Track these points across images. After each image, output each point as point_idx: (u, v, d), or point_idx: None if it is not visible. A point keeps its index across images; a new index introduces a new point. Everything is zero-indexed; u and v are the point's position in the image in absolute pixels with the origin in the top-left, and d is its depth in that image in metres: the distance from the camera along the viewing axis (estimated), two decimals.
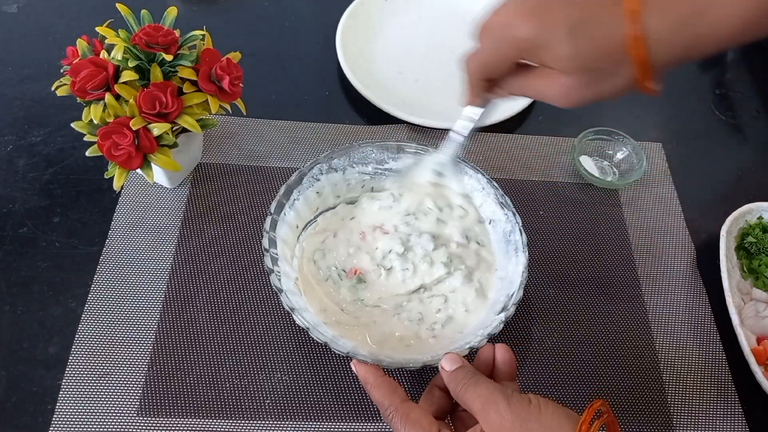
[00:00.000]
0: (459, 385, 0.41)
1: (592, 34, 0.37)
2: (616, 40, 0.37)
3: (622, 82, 0.39)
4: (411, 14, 0.85)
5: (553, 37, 0.38)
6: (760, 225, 0.64)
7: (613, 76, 0.39)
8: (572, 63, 0.38)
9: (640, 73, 0.38)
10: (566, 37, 0.38)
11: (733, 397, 0.56)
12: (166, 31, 0.54)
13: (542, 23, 0.38)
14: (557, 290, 0.61)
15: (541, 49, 0.39)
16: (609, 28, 0.37)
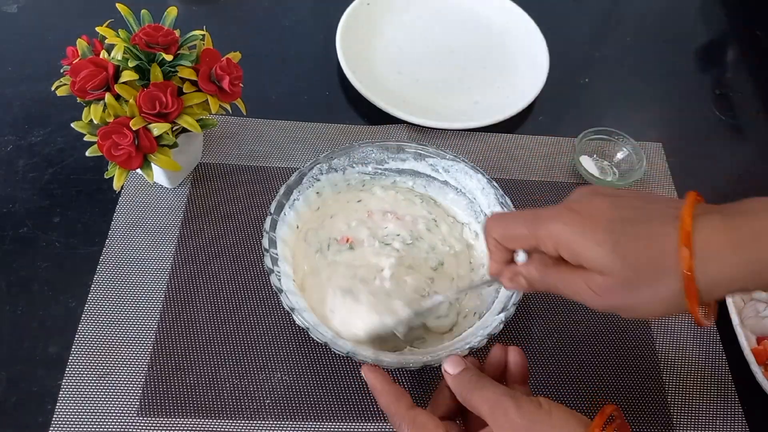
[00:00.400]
0: (464, 389, 0.41)
1: (639, 230, 0.35)
2: (668, 242, 0.34)
3: (663, 295, 0.35)
4: (411, 14, 0.85)
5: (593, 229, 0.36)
6: None
7: (655, 284, 0.35)
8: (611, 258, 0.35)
9: (687, 290, 0.34)
10: (605, 229, 0.36)
11: (733, 397, 0.56)
12: (166, 31, 0.54)
13: (584, 216, 0.37)
14: None
15: (577, 244, 0.37)
16: (658, 227, 0.35)
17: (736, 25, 0.94)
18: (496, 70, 0.80)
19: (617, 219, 0.36)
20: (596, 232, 0.36)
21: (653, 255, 0.35)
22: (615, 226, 0.36)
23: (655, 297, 0.36)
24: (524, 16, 0.83)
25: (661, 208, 0.36)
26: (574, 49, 0.86)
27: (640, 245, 0.35)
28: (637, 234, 0.35)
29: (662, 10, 0.94)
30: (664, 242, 0.35)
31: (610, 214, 0.36)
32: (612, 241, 0.35)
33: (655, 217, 0.36)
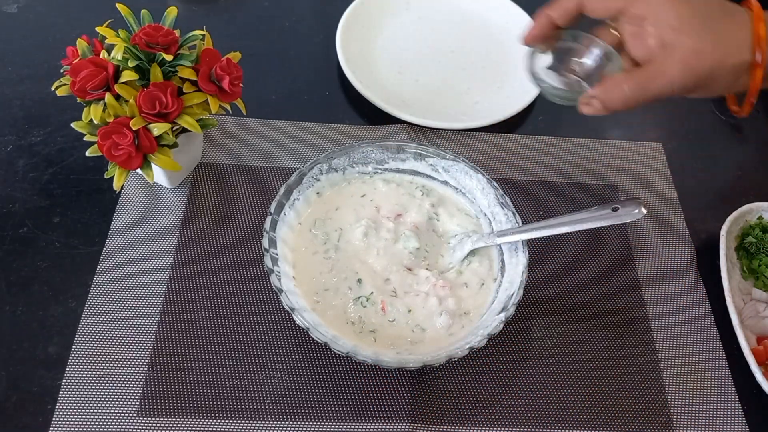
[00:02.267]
0: None
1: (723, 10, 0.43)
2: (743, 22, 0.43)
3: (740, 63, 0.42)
4: (411, 14, 0.85)
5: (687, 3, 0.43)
6: (760, 225, 0.64)
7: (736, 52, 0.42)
8: (702, 25, 0.42)
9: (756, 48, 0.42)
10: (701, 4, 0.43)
11: (733, 397, 0.56)
12: (166, 31, 0.54)
13: None
14: (557, 290, 0.61)
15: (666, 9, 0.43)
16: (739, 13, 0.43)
17: None
18: (496, 70, 0.80)
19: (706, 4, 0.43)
20: (691, 4, 0.43)
21: (734, 31, 0.42)
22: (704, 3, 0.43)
23: (733, 66, 0.42)
24: (524, 17, 0.83)
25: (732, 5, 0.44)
26: None
27: (726, 22, 0.42)
28: (722, 12, 0.43)
29: None
30: (742, 26, 0.42)
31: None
32: (702, 11, 0.42)
33: (735, 8, 0.44)
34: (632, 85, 0.44)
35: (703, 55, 0.42)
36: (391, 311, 0.55)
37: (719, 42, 0.42)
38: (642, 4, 0.43)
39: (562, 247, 0.64)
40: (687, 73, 0.42)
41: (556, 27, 0.47)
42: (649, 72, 0.43)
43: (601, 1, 0.45)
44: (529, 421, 0.53)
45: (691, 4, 0.42)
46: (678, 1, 0.42)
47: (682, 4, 0.42)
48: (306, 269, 0.57)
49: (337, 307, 0.55)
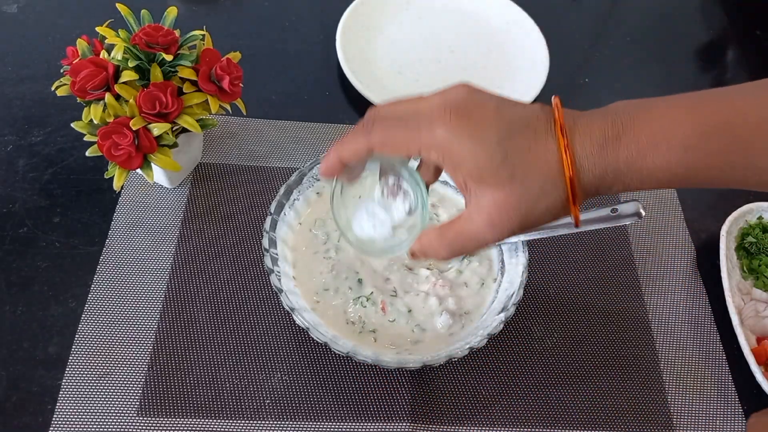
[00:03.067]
0: None
1: (524, 142, 0.35)
2: (550, 153, 0.35)
3: (552, 203, 0.36)
4: (411, 14, 0.85)
5: (483, 142, 0.35)
6: (760, 225, 0.64)
7: (545, 194, 0.36)
8: (500, 170, 0.35)
9: (570, 192, 0.36)
10: (497, 143, 0.35)
11: (733, 397, 0.56)
12: (166, 31, 0.54)
13: (472, 124, 0.35)
14: (557, 290, 0.61)
15: (464, 155, 0.35)
16: (543, 140, 0.36)
17: (736, 25, 0.94)
18: (496, 70, 0.80)
19: (506, 131, 0.36)
20: (488, 142, 0.35)
21: (541, 169, 0.36)
22: (505, 140, 0.35)
23: (545, 208, 0.36)
24: (524, 16, 0.83)
25: (539, 116, 0.37)
26: (574, 49, 0.86)
27: (529, 160, 0.36)
28: (524, 147, 0.36)
29: (662, 10, 0.94)
30: (549, 156, 0.36)
31: (500, 124, 0.36)
32: (502, 155, 0.35)
33: (539, 129, 0.36)
34: (446, 245, 0.39)
35: (508, 211, 0.36)
36: (391, 311, 0.55)
37: (525, 191, 0.36)
38: (432, 148, 0.36)
39: (562, 247, 0.64)
40: (496, 231, 0.37)
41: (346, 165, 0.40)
42: (459, 230, 0.38)
43: (397, 148, 0.37)
44: (529, 421, 0.53)
45: (486, 141, 0.35)
46: (473, 142, 0.35)
47: (478, 145, 0.35)
48: (306, 269, 0.57)
49: (337, 307, 0.55)
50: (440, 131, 0.36)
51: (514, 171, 0.35)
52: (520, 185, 0.36)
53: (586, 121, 0.36)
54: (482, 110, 0.36)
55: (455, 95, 0.37)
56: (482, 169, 0.35)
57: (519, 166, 0.35)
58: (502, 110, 0.37)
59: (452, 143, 0.35)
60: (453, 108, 0.36)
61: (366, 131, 0.38)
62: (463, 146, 0.35)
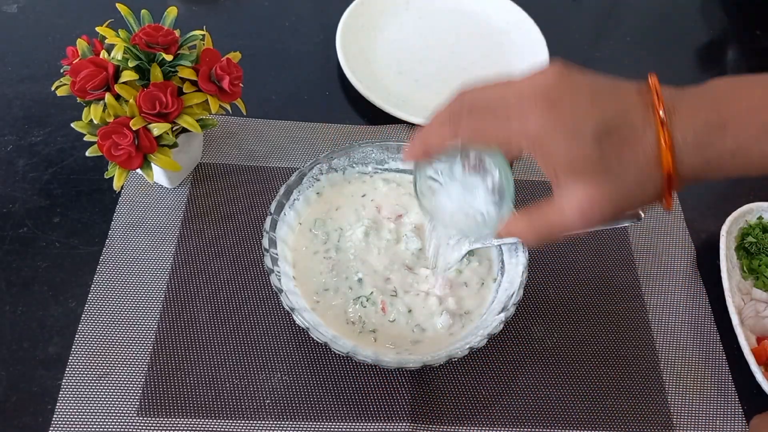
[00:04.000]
0: None
1: (621, 137, 0.34)
2: (648, 146, 0.34)
3: (647, 194, 0.35)
4: (411, 14, 0.85)
5: (578, 135, 0.34)
6: (760, 225, 0.64)
7: (640, 186, 0.35)
8: (596, 166, 0.34)
9: (666, 183, 0.34)
10: (592, 138, 0.33)
11: (733, 397, 0.56)
12: (166, 31, 0.54)
13: (566, 116, 0.34)
14: (557, 290, 0.61)
15: (557, 147, 0.34)
16: (640, 133, 0.34)
17: (736, 25, 0.94)
18: (496, 70, 0.80)
19: (602, 124, 0.34)
20: (583, 136, 0.34)
21: (639, 163, 0.34)
22: (601, 133, 0.34)
23: (639, 198, 0.36)
24: (524, 16, 0.83)
25: (636, 105, 0.35)
26: (574, 49, 0.86)
27: (626, 154, 0.34)
28: (622, 140, 0.34)
29: (662, 10, 0.94)
30: (647, 150, 0.34)
31: (595, 116, 0.34)
32: (598, 150, 0.34)
33: (636, 121, 0.34)
34: (536, 233, 0.39)
35: (602, 204, 0.35)
36: (391, 311, 0.55)
37: (620, 184, 0.35)
38: (523, 139, 0.35)
39: (562, 247, 0.64)
40: (588, 222, 0.36)
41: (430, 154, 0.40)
42: (550, 220, 0.37)
43: (487, 137, 0.36)
44: (529, 421, 0.53)
45: (581, 136, 0.34)
46: (567, 136, 0.34)
47: (572, 140, 0.34)
48: (306, 269, 0.57)
49: (337, 307, 0.55)
50: (532, 122, 0.34)
51: (610, 165, 0.34)
52: (616, 179, 0.34)
53: (687, 105, 0.34)
54: (576, 99, 0.34)
55: (546, 80, 0.35)
56: (576, 163, 0.34)
57: (615, 161, 0.34)
58: (598, 99, 0.35)
59: (545, 135, 0.34)
60: (544, 96, 0.34)
61: (454, 122, 0.37)
62: (557, 139, 0.34)
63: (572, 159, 0.34)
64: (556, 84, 0.35)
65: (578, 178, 0.35)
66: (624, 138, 0.34)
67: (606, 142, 0.34)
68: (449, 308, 0.55)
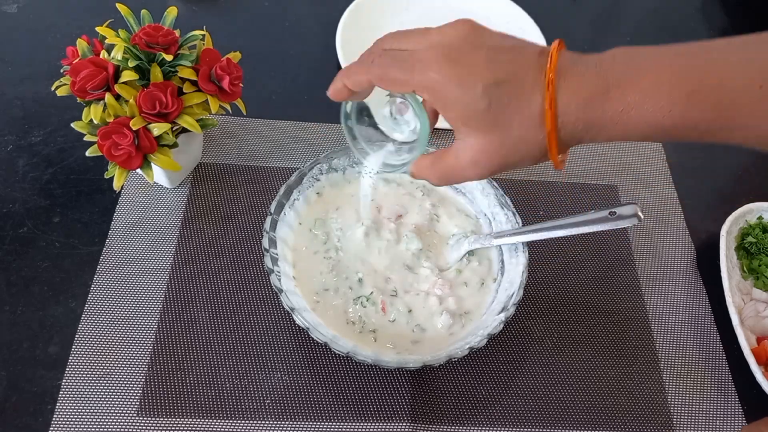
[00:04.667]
0: None
1: (510, 93, 0.37)
2: (534, 104, 0.37)
3: (531, 151, 0.38)
4: (411, 14, 0.85)
5: (469, 89, 0.37)
6: (760, 225, 0.64)
7: (524, 142, 0.38)
8: (485, 118, 0.37)
9: (549, 142, 0.37)
10: (482, 92, 0.37)
11: (733, 397, 0.56)
12: (166, 31, 0.54)
13: (462, 71, 0.37)
14: (557, 290, 0.61)
15: (452, 99, 0.37)
16: (528, 92, 0.37)
17: (736, 25, 0.94)
18: None
19: (492, 80, 0.37)
20: (474, 90, 0.37)
21: (523, 119, 0.37)
22: (491, 89, 0.37)
23: (525, 154, 0.39)
24: (524, 16, 0.83)
25: (530, 66, 0.37)
26: (573, 49, 0.85)
27: (512, 110, 0.37)
28: (509, 97, 0.37)
29: (662, 10, 0.94)
30: (532, 108, 0.37)
31: (488, 73, 0.37)
32: (486, 104, 0.37)
33: (526, 81, 0.37)
34: (436, 175, 0.42)
35: (490, 154, 0.39)
36: (391, 311, 0.55)
37: (506, 138, 0.38)
38: (424, 91, 0.38)
39: (562, 247, 0.64)
40: (479, 170, 0.40)
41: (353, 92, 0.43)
42: (448, 164, 0.41)
43: (392, 84, 0.40)
44: (529, 421, 0.53)
45: (472, 89, 0.37)
46: (461, 88, 0.37)
47: (465, 92, 0.37)
48: (306, 269, 0.57)
49: (337, 307, 0.55)
50: (431, 75, 0.37)
51: (497, 119, 0.37)
52: (501, 132, 0.38)
53: (577, 72, 0.37)
54: (474, 56, 0.38)
55: (452, 37, 0.39)
56: (468, 114, 0.38)
57: (501, 115, 0.37)
58: (495, 57, 0.38)
59: (442, 87, 0.37)
60: (446, 52, 0.38)
61: (367, 64, 0.40)
62: (452, 91, 0.37)
63: (465, 111, 0.38)
64: (460, 41, 0.39)
65: (470, 130, 0.38)
66: (512, 95, 0.37)
67: (495, 98, 0.37)
68: (449, 308, 0.55)
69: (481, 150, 0.39)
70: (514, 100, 0.37)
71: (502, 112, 0.37)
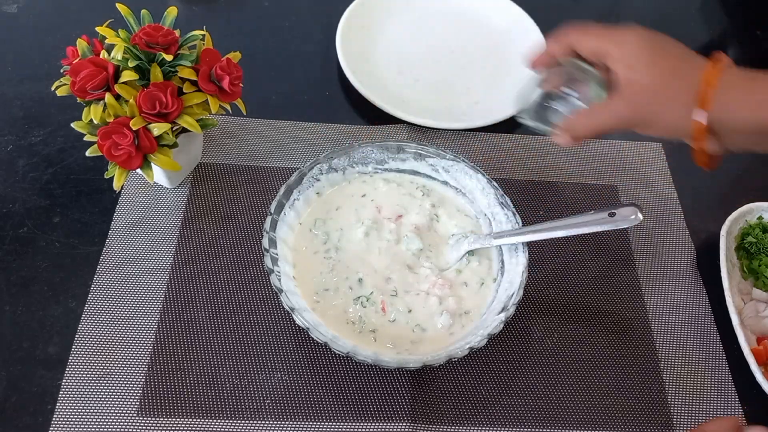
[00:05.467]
0: None
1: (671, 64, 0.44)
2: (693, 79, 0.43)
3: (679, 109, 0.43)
4: (411, 14, 0.85)
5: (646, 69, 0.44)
6: (760, 225, 0.64)
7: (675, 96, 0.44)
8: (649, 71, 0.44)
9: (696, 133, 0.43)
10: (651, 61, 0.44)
11: (733, 397, 0.56)
12: (166, 31, 0.54)
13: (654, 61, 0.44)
14: (557, 290, 0.61)
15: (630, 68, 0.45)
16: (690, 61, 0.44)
17: (736, 25, 0.94)
18: (496, 71, 0.80)
19: (659, 46, 0.45)
20: (653, 50, 0.45)
21: (681, 77, 0.43)
22: (656, 50, 0.45)
23: (672, 115, 0.44)
24: (524, 16, 0.83)
25: (700, 57, 0.44)
26: None
27: (676, 67, 0.44)
28: (672, 57, 0.44)
29: (662, 10, 0.94)
30: (692, 70, 0.43)
31: (658, 44, 0.45)
32: (658, 56, 0.44)
33: (693, 57, 0.44)
34: (586, 118, 0.48)
35: (648, 93, 0.44)
36: (391, 311, 0.55)
37: (667, 85, 0.44)
38: (617, 47, 0.45)
39: (562, 247, 0.64)
40: (630, 107, 0.45)
41: (556, 60, 0.51)
42: (602, 106, 0.47)
43: (586, 44, 0.48)
44: (529, 421, 0.53)
45: (655, 50, 0.45)
46: (644, 46, 0.45)
47: (646, 50, 0.45)
48: (306, 269, 0.57)
49: (337, 307, 0.55)
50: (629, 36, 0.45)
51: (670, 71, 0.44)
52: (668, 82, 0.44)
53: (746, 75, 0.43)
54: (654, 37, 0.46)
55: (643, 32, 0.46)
56: (641, 62, 0.44)
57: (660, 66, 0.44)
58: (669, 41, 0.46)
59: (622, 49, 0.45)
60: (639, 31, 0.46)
61: (563, 36, 0.50)
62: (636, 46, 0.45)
63: (639, 60, 0.44)
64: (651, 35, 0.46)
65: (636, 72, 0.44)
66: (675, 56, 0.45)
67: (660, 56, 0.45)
68: (449, 308, 0.55)
69: (641, 86, 0.44)
70: (675, 60, 0.44)
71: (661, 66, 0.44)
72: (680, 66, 0.44)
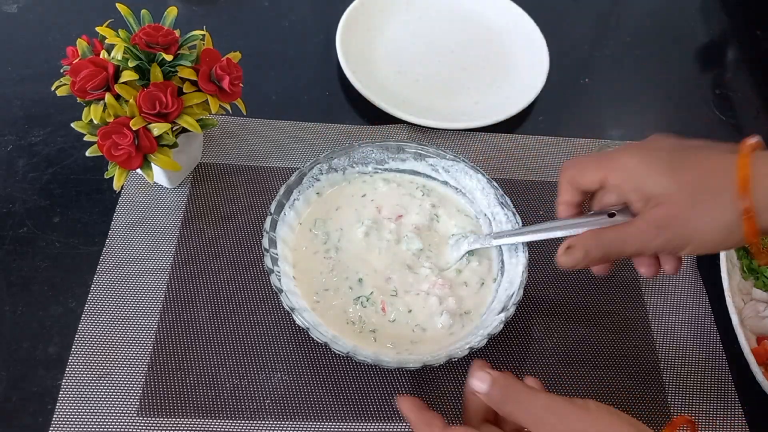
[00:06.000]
0: (500, 405, 0.39)
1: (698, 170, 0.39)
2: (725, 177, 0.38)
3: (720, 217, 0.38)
4: (411, 14, 0.85)
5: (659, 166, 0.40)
6: None
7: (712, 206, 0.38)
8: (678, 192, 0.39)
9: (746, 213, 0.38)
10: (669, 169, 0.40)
11: (733, 397, 0.56)
12: (166, 31, 0.54)
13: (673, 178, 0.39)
14: (557, 290, 0.61)
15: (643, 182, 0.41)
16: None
17: (736, 25, 0.94)
18: (496, 70, 0.80)
19: (678, 149, 0.40)
20: (659, 162, 0.39)
21: (710, 177, 0.38)
22: (675, 155, 0.39)
23: (713, 222, 0.38)
24: (524, 16, 0.83)
25: (721, 146, 0.39)
26: (574, 49, 0.86)
27: (698, 170, 0.38)
28: (695, 160, 0.39)
29: (662, 10, 0.94)
30: (720, 167, 0.38)
31: (673, 147, 0.40)
32: (672, 168, 0.39)
33: (715, 150, 0.39)
34: (610, 239, 0.44)
35: (678, 220, 0.39)
36: (391, 311, 0.55)
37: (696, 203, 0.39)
38: (618, 174, 0.42)
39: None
40: (661, 237, 0.40)
41: (579, 204, 0.48)
42: (626, 229, 0.43)
43: (585, 177, 0.45)
44: None
45: (663, 171, 0.40)
46: (651, 171, 0.40)
47: (653, 174, 0.40)
48: (306, 269, 0.57)
49: (337, 307, 0.55)
50: (623, 158, 0.42)
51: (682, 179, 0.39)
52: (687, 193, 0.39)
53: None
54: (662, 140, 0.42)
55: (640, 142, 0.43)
56: (653, 184, 0.40)
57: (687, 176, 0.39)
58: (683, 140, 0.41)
59: (632, 166, 0.41)
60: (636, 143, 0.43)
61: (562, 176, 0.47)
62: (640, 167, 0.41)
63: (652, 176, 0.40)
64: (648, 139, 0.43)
65: (662, 206, 0.40)
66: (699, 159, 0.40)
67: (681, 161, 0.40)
68: (449, 308, 0.55)
69: (662, 217, 0.40)
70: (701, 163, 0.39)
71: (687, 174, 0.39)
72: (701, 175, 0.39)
